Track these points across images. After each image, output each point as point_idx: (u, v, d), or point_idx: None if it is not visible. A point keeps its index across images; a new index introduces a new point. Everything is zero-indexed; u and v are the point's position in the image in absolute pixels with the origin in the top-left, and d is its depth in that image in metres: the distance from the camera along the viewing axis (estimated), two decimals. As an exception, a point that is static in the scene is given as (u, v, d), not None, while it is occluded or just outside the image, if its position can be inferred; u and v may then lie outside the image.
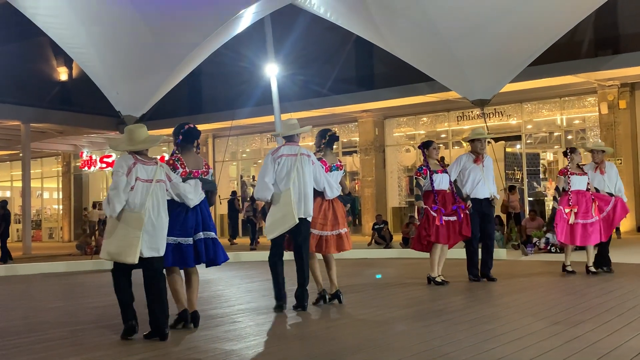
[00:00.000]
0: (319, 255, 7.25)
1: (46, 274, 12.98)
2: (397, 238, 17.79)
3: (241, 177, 26.66)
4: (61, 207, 30.76)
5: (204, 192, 5.96)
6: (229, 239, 20.68)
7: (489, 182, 9.00)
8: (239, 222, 21.76)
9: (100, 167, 28.77)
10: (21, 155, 23.83)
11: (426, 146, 8.69)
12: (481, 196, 8.86)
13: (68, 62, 27.59)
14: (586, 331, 5.18)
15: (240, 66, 21.00)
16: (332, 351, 4.93)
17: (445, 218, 8.42)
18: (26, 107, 22.62)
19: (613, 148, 16.90)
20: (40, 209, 31.81)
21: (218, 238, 6.09)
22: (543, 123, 20.57)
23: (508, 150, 20.92)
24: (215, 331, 5.79)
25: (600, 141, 13.33)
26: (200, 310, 6.04)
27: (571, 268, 9.32)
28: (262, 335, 5.66)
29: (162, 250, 5.52)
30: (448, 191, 8.57)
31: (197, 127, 6.20)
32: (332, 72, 21.75)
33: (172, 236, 5.69)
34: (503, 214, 16.75)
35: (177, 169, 5.89)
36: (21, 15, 14.55)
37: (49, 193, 32.47)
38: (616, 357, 4.38)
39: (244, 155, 26.73)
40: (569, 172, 9.19)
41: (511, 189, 17.22)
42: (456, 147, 21.16)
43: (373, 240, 17.88)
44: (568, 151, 9.37)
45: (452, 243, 8.68)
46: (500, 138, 20.66)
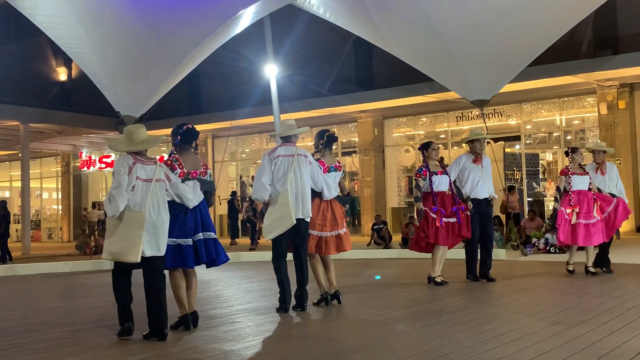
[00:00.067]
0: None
1: (45, 274, 12.98)
2: (397, 238, 17.79)
3: (240, 178, 26.65)
4: (60, 207, 30.75)
5: (203, 193, 5.96)
6: (231, 241, 20.65)
7: (488, 183, 9.02)
8: (239, 222, 21.74)
9: (99, 167, 28.77)
10: (20, 155, 23.82)
11: (425, 147, 8.70)
12: (481, 196, 8.88)
13: (67, 62, 27.57)
14: (586, 331, 5.19)
15: (239, 66, 21.02)
16: (332, 351, 4.93)
17: (444, 219, 8.43)
18: (25, 107, 22.62)
19: (613, 148, 16.89)
20: (39, 209, 31.79)
21: (218, 238, 6.09)
22: (542, 123, 20.58)
23: (507, 150, 20.93)
24: (214, 331, 5.79)
25: (599, 141, 13.36)
26: (199, 310, 6.05)
27: (572, 267, 9.31)
28: (262, 335, 5.66)
29: (163, 249, 5.52)
30: (447, 193, 8.58)
31: (196, 128, 6.20)
32: (332, 73, 21.75)
33: (172, 237, 5.69)
34: (502, 215, 16.74)
35: (175, 170, 5.88)
36: (20, 15, 14.56)
37: (48, 193, 32.45)
38: (616, 358, 4.38)
39: (244, 155, 26.73)
40: (570, 172, 9.17)
41: (510, 190, 17.21)
42: (455, 148, 21.16)
43: (372, 240, 17.87)
44: (569, 151, 9.33)
45: (452, 244, 8.69)
46: (499, 138, 20.66)
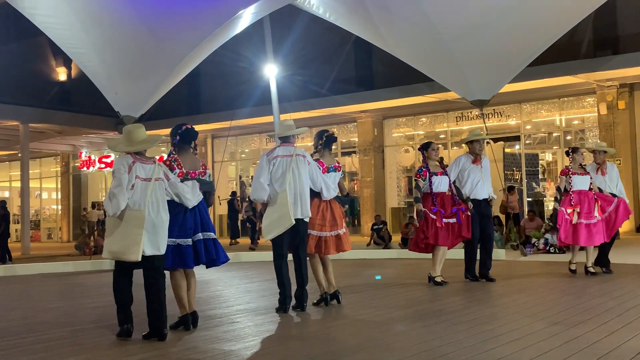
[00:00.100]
0: None
1: (45, 274, 12.97)
2: (396, 238, 17.79)
3: (240, 178, 26.65)
4: (60, 208, 30.75)
5: (202, 193, 5.96)
6: (231, 241, 20.66)
7: (487, 184, 9.03)
8: (239, 223, 21.74)
9: (99, 168, 28.77)
10: (20, 155, 23.82)
11: (425, 148, 8.71)
12: (480, 197, 8.89)
13: (67, 62, 27.56)
14: (585, 332, 5.18)
15: (239, 66, 21.02)
16: (332, 351, 4.93)
17: (444, 220, 8.42)
18: (25, 107, 22.62)
19: (614, 149, 16.88)
20: (39, 209, 31.79)
21: (217, 238, 6.09)
22: (542, 123, 20.58)
23: (507, 150, 20.93)
24: (214, 331, 5.79)
25: (599, 141, 13.36)
26: (199, 310, 6.05)
27: (574, 267, 9.28)
28: (261, 335, 5.66)
29: (163, 248, 5.52)
30: (447, 193, 8.57)
31: (196, 128, 6.20)
32: (331, 73, 21.76)
33: (172, 237, 5.69)
34: (502, 215, 16.74)
35: (174, 170, 5.88)
36: (20, 15, 14.56)
37: (48, 193, 32.45)
38: (615, 358, 4.38)
39: (243, 155, 26.73)
40: (571, 172, 9.16)
41: (510, 190, 17.21)
42: (455, 148, 21.15)
43: (372, 240, 17.87)
44: (570, 151, 9.32)
45: (452, 245, 8.68)
46: (499, 138, 20.66)
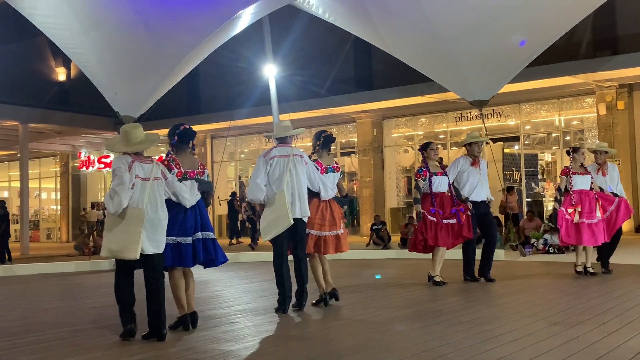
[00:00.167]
0: None
1: (44, 275, 12.96)
2: (396, 239, 17.78)
3: (239, 178, 26.64)
4: (59, 208, 30.73)
5: (200, 193, 5.96)
6: (230, 241, 20.67)
7: (486, 185, 9.04)
8: (239, 223, 21.75)
9: (98, 168, 28.76)
10: (19, 155, 23.81)
11: (424, 148, 8.73)
12: (479, 199, 8.90)
13: (66, 63, 27.56)
14: (585, 332, 5.18)
15: (238, 67, 21.04)
16: (331, 352, 4.93)
17: (444, 221, 8.42)
18: (24, 108, 22.61)
19: (615, 149, 16.87)
20: (38, 210, 31.77)
21: (216, 238, 6.09)
22: (541, 124, 20.59)
23: (506, 151, 20.92)
24: (213, 332, 5.78)
25: (598, 142, 13.36)
26: (198, 310, 6.04)
27: (580, 268, 9.13)
28: (261, 335, 5.65)
29: (162, 247, 5.52)
30: (447, 194, 8.57)
31: (195, 128, 6.20)
32: (331, 73, 21.77)
33: (172, 236, 5.69)
34: (501, 215, 16.75)
35: (173, 170, 5.88)
36: (19, 15, 14.55)
37: (47, 193, 32.43)
38: (615, 358, 4.38)
39: (242, 155, 26.73)
40: (571, 172, 9.15)
41: (509, 190, 17.21)
42: (454, 148, 21.15)
43: (371, 240, 17.87)
44: (570, 150, 9.32)
45: (452, 245, 8.67)
46: (498, 139, 20.66)
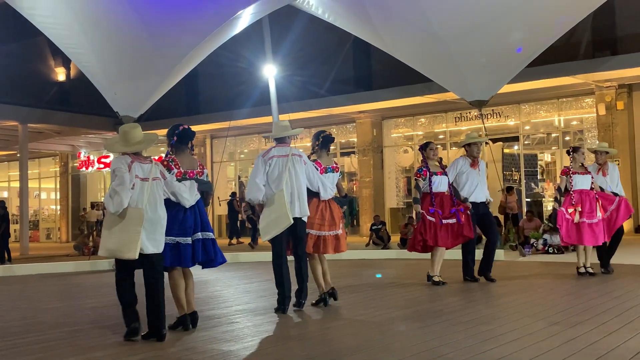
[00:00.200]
0: None
1: (44, 275, 12.96)
2: (395, 239, 17.79)
3: (239, 178, 26.63)
4: (59, 208, 30.72)
5: (199, 193, 5.96)
6: (230, 241, 20.68)
7: (484, 186, 9.05)
8: (238, 223, 21.76)
9: (98, 168, 28.75)
10: (19, 155, 23.80)
11: (424, 148, 8.74)
12: (479, 200, 8.90)
13: (66, 63, 27.55)
14: (584, 332, 5.19)
15: (238, 67, 21.03)
16: (331, 352, 4.93)
17: (444, 221, 8.42)
18: (24, 108, 22.60)
19: (616, 149, 16.87)
20: (37, 210, 31.76)
21: (216, 239, 6.10)
22: (541, 124, 20.60)
23: (506, 151, 20.93)
24: (213, 332, 5.78)
25: (598, 142, 13.37)
26: (198, 310, 6.03)
27: (583, 270, 9.09)
28: (260, 336, 5.65)
29: (162, 246, 5.51)
30: (446, 193, 8.57)
31: (195, 128, 6.21)
32: (330, 73, 21.77)
33: (171, 235, 5.69)
34: (501, 215, 16.75)
35: (172, 170, 5.88)
36: (19, 15, 14.54)
37: (47, 193, 32.42)
38: (614, 358, 4.38)
39: (242, 155, 26.72)
40: (571, 172, 9.15)
41: (509, 190, 17.22)
42: (454, 148, 21.15)
43: (371, 241, 17.88)
44: (571, 150, 9.32)
45: (452, 245, 8.67)
46: (497, 139, 20.67)
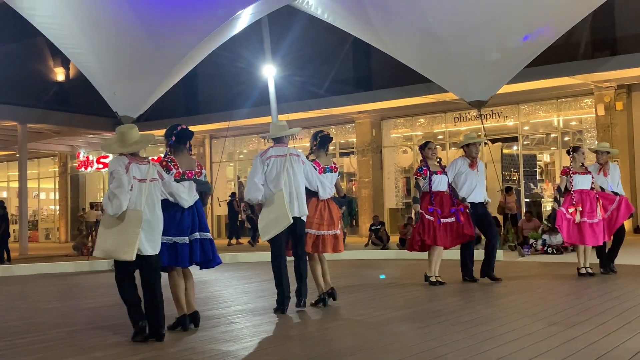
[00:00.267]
0: None
1: (43, 275, 12.96)
2: (394, 239, 17.76)
3: (238, 178, 26.63)
4: (58, 208, 30.71)
5: (198, 193, 5.96)
6: (229, 241, 20.67)
7: (483, 187, 9.05)
8: (238, 223, 21.77)
9: (97, 168, 28.73)
10: (18, 155, 23.77)
11: (423, 147, 8.75)
12: (477, 201, 8.91)
13: (65, 63, 27.54)
14: (584, 332, 5.19)
15: (237, 67, 21.02)
16: (330, 352, 4.93)
17: (443, 220, 8.42)
18: (23, 108, 22.59)
19: (617, 149, 16.86)
20: (36, 210, 31.75)
21: (214, 239, 6.10)
22: (540, 124, 20.60)
23: (505, 151, 20.94)
24: (212, 332, 5.78)
25: (597, 142, 13.37)
26: (197, 310, 6.03)
27: (584, 271, 9.05)
28: (259, 336, 5.65)
29: (158, 247, 5.51)
30: (446, 193, 8.58)
31: (194, 128, 6.21)
32: (330, 73, 21.76)
33: (168, 235, 5.69)
34: (500, 215, 16.75)
35: (171, 170, 5.88)
36: (18, 15, 14.53)
37: (46, 194, 32.41)
38: (614, 358, 4.38)
39: (241, 156, 26.71)
40: (572, 172, 9.14)
41: (508, 191, 17.22)
42: (453, 149, 21.15)
43: (370, 241, 17.86)
44: (571, 150, 9.32)
45: (451, 245, 8.67)
46: (497, 139, 20.67)
